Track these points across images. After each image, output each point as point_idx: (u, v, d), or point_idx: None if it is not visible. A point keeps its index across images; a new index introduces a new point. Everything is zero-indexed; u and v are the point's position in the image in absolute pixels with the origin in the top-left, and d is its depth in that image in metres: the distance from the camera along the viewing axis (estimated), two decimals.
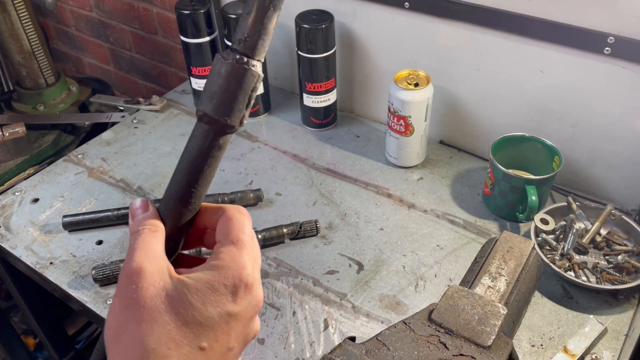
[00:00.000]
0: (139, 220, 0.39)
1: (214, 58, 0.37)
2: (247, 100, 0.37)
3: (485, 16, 0.92)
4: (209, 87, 0.37)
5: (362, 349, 0.55)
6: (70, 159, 1.10)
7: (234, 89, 0.36)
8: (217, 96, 0.37)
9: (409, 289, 0.84)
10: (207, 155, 0.38)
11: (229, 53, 0.36)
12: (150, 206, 0.40)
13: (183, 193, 0.39)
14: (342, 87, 1.18)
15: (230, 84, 0.36)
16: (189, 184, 0.39)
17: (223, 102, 0.37)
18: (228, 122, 0.37)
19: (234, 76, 0.36)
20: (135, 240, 0.38)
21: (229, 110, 0.37)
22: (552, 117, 0.95)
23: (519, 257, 0.66)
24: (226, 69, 0.36)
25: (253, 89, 0.37)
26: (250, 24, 0.36)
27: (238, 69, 0.36)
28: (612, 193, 0.96)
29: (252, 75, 0.36)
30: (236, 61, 0.36)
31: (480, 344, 0.54)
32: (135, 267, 0.36)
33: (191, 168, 0.39)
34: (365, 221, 0.95)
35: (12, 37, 1.29)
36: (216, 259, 0.37)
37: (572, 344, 0.74)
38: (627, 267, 0.81)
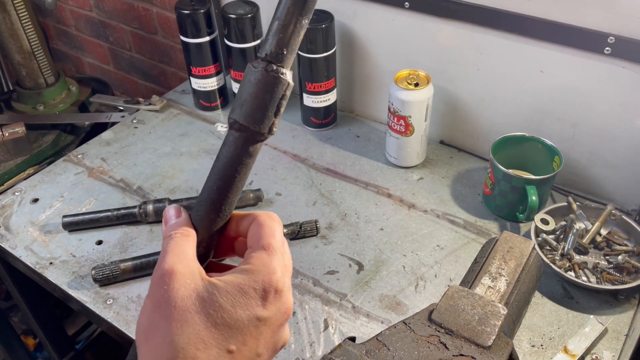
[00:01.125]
0: (171, 225, 0.40)
1: (246, 67, 0.38)
2: (275, 107, 0.38)
3: (486, 16, 0.92)
4: (239, 95, 0.37)
5: (362, 349, 0.55)
6: (70, 159, 1.10)
7: (263, 97, 0.37)
8: (246, 104, 0.37)
9: (409, 289, 0.84)
10: (238, 162, 0.39)
11: (259, 62, 0.37)
12: (183, 213, 0.41)
13: (214, 200, 0.40)
14: (342, 87, 1.18)
15: (260, 91, 0.37)
16: (220, 191, 0.39)
17: (253, 110, 0.37)
18: (258, 130, 0.37)
19: (263, 84, 0.37)
20: (168, 244, 0.38)
21: (258, 117, 0.37)
22: (552, 117, 0.95)
23: (519, 257, 0.66)
24: (256, 77, 0.37)
25: (282, 96, 0.38)
26: (279, 33, 0.36)
27: (267, 77, 0.37)
28: (613, 193, 0.96)
29: (281, 83, 0.37)
30: (265, 69, 0.36)
31: (481, 344, 0.54)
32: (168, 268, 0.36)
33: (222, 175, 0.39)
34: (365, 221, 0.95)
35: (12, 37, 1.28)
36: (247, 264, 0.38)
37: (572, 344, 0.74)
38: (628, 267, 0.81)
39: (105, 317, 0.80)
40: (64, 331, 1.35)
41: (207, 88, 1.19)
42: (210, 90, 1.20)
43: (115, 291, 0.83)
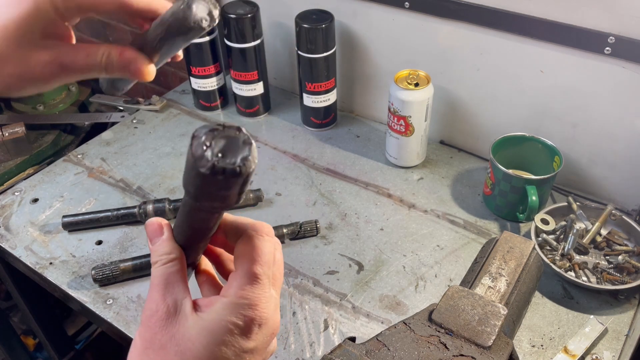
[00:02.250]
0: (156, 248, 0.39)
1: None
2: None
3: (486, 16, 0.91)
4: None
5: (362, 349, 0.55)
6: (70, 159, 1.10)
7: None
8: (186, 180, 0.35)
9: (409, 289, 0.84)
10: (202, 223, 0.38)
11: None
12: (165, 229, 0.40)
13: (193, 233, 0.40)
14: (342, 87, 1.18)
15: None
16: (194, 240, 0.40)
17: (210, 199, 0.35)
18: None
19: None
20: (155, 276, 0.38)
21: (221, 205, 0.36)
22: (553, 117, 0.95)
23: (520, 257, 0.66)
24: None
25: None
26: None
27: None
28: (613, 193, 0.96)
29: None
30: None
31: (481, 345, 0.54)
32: (155, 307, 0.37)
33: (194, 228, 0.39)
34: (365, 221, 0.95)
35: None
36: (230, 295, 0.37)
37: (572, 344, 0.74)
38: (628, 267, 0.81)
39: (105, 317, 0.80)
40: (64, 331, 1.35)
41: (207, 88, 1.19)
42: (210, 90, 1.19)
43: (115, 291, 0.83)
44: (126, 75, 0.42)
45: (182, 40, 0.42)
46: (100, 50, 0.41)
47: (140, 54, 0.42)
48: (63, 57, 0.40)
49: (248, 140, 0.32)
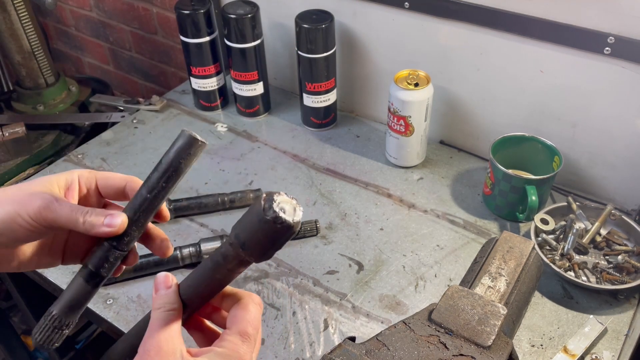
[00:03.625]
0: (161, 296, 0.44)
1: (255, 202, 0.39)
2: (278, 247, 0.41)
3: (485, 16, 0.92)
4: (245, 225, 0.40)
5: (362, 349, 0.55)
6: (70, 159, 1.10)
7: (269, 243, 0.40)
8: (252, 242, 0.40)
9: (409, 289, 0.84)
10: (226, 271, 0.43)
11: (270, 210, 0.38)
12: (173, 282, 0.45)
13: (203, 292, 0.44)
14: (342, 87, 1.18)
15: (266, 238, 0.39)
16: (208, 287, 0.44)
17: (258, 248, 0.40)
18: (256, 261, 0.41)
19: (272, 233, 0.39)
20: (157, 319, 0.43)
21: (262, 254, 0.41)
22: (552, 117, 0.95)
23: (519, 257, 0.66)
24: (264, 223, 0.39)
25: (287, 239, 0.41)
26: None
27: (275, 227, 0.39)
28: (612, 193, 0.96)
29: (290, 231, 0.39)
30: (274, 220, 0.38)
31: (480, 344, 0.54)
32: (155, 344, 0.41)
33: (212, 276, 0.43)
34: (365, 221, 0.95)
35: (12, 37, 1.29)
36: (222, 347, 0.42)
37: (572, 344, 0.74)
38: (627, 267, 0.81)
39: (105, 317, 0.80)
40: None
41: (207, 88, 1.19)
42: (210, 90, 1.20)
43: (115, 291, 0.83)
44: (100, 224, 0.44)
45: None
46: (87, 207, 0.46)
47: (117, 212, 0.46)
48: (57, 198, 0.44)
49: (300, 208, 0.40)
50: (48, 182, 0.46)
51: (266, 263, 0.87)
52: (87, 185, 0.48)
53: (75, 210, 0.44)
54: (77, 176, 0.47)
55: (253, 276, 0.86)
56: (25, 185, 0.45)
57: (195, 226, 0.95)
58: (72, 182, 0.47)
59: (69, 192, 0.47)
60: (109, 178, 0.49)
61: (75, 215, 0.43)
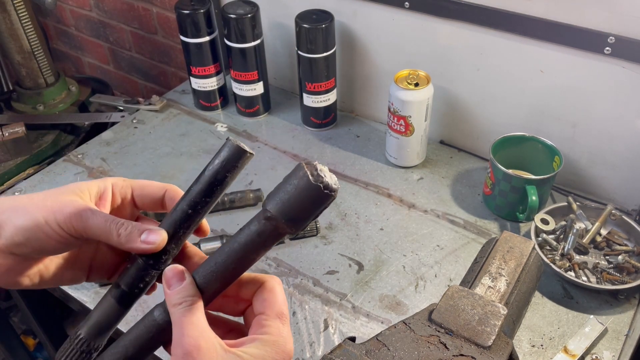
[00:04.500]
0: (178, 290, 0.39)
1: (297, 166, 0.37)
2: (316, 215, 0.38)
3: (486, 16, 0.92)
4: (282, 191, 0.37)
5: (362, 349, 0.55)
6: (70, 159, 1.10)
7: (308, 207, 0.37)
8: (289, 206, 0.37)
9: (409, 289, 0.84)
10: (260, 248, 0.39)
11: (314, 174, 0.36)
12: (186, 275, 0.40)
13: (226, 276, 0.40)
14: (342, 87, 1.18)
15: (306, 201, 0.37)
16: (235, 270, 0.40)
17: (296, 215, 0.37)
18: (293, 231, 0.38)
19: (312, 197, 0.37)
20: (183, 315, 0.38)
21: (298, 222, 0.38)
22: (552, 117, 0.95)
23: (519, 257, 0.66)
24: (306, 186, 0.36)
25: (325, 207, 0.38)
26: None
27: (318, 192, 0.36)
28: (613, 193, 0.96)
29: (330, 199, 0.37)
30: (317, 181, 0.36)
31: (481, 344, 0.54)
32: (193, 343, 0.37)
33: (241, 257, 0.39)
34: (365, 221, 0.95)
35: (12, 37, 1.29)
36: (265, 333, 0.39)
37: (572, 344, 0.74)
38: (628, 267, 0.81)
39: None
40: (64, 331, 1.35)
41: (207, 88, 1.19)
42: (210, 90, 1.20)
43: None
44: (136, 239, 0.41)
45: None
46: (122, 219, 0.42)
47: (155, 227, 0.43)
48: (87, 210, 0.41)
49: (334, 177, 0.37)
50: (79, 189, 0.42)
51: (266, 263, 0.87)
52: (122, 195, 0.45)
53: (110, 221, 0.40)
54: (111, 184, 0.44)
55: None
56: (54, 191, 0.42)
57: None
58: (105, 191, 0.44)
59: (101, 201, 0.43)
60: (145, 186, 0.45)
61: (110, 227, 0.40)
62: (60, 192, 0.42)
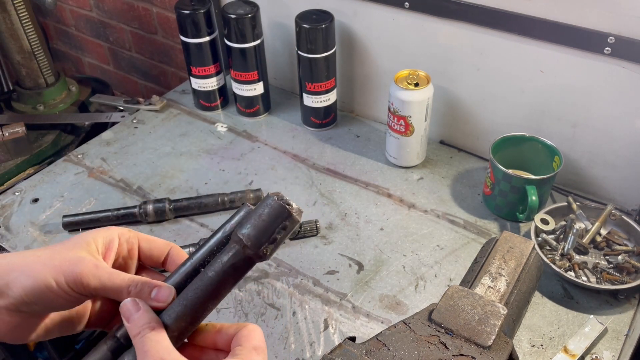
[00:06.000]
0: (136, 320, 0.39)
1: (266, 197, 0.40)
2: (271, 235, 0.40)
3: (486, 16, 0.92)
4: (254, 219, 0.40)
5: (362, 349, 0.55)
6: (70, 159, 1.10)
7: (267, 223, 0.40)
8: (258, 229, 0.40)
9: (409, 289, 0.84)
10: (233, 280, 0.41)
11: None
12: (141, 304, 0.40)
13: (195, 309, 0.41)
14: (342, 87, 1.18)
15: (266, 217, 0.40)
16: (208, 305, 0.41)
17: (258, 234, 0.39)
18: (256, 253, 0.40)
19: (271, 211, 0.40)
20: (144, 343, 0.38)
21: (261, 241, 0.40)
22: (552, 117, 0.95)
23: (519, 257, 0.66)
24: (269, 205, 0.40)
25: (283, 227, 0.40)
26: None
27: (276, 206, 0.40)
28: (612, 193, 0.96)
29: (286, 215, 0.40)
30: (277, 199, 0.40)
31: (481, 344, 0.54)
32: (158, 357, 0.37)
33: (214, 289, 0.40)
34: (365, 221, 0.95)
35: (12, 37, 1.29)
36: (236, 356, 0.40)
37: (572, 344, 0.74)
38: (627, 267, 0.81)
39: None
40: None
41: (207, 88, 1.19)
42: (210, 90, 1.20)
43: None
44: (147, 298, 0.41)
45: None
46: (131, 275, 0.42)
47: (163, 282, 0.43)
48: (96, 268, 0.41)
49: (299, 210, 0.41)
50: (85, 242, 0.42)
51: (266, 263, 0.87)
52: (129, 245, 0.45)
53: (121, 278, 0.40)
54: (117, 235, 0.44)
55: (253, 276, 0.86)
56: (61, 247, 0.41)
57: (195, 226, 0.94)
58: (112, 242, 0.43)
59: (108, 252, 0.43)
60: (151, 241, 0.45)
61: (121, 286, 0.40)
62: (66, 247, 0.41)
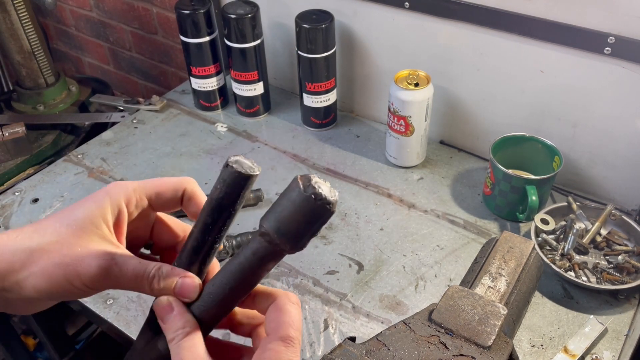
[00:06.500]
0: (169, 322, 0.38)
1: (293, 181, 0.35)
2: (313, 232, 0.36)
3: (486, 16, 0.91)
4: (279, 208, 0.36)
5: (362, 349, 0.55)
6: (70, 159, 1.10)
7: (304, 223, 0.35)
8: (285, 223, 0.36)
9: (409, 289, 0.84)
10: (258, 268, 0.38)
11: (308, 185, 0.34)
12: (174, 305, 0.39)
13: (227, 300, 0.39)
14: (342, 87, 1.18)
15: (302, 217, 0.35)
16: (234, 293, 0.39)
17: (291, 231, 0.36)
18: (289, 249, 0.37)
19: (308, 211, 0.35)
20: (177, 351, 0.37)
21: (295, 239, 0.36)
22: (553, 117, 0.95)
23: (519, 257, 0.66)
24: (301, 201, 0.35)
25: (324, 223, 0.36)
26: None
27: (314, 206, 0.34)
28: (613, 193, 0.96)
29: (327, 213, 0.35)
30: (313, 196, 0.34)
31: (481, 344, 0.54)
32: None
33: (241, 278, 0.38)
34: (365, 221, 0.95)
35: (12, 37, 1.29)
36: (264, 357, 0.37)
37: (572, 344, 0.74)
38: (628, 267, 0.81)
39: (105, 317, 0.80)
40: (64, 331, 1.35)
41: (207, 88, 1.19)
42: (210, 90, 1.20)
43: (116, 291, 0.83)
44: (170, 292, 0.39)
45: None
46: (153, 262, 0.39)
47: (188, 272, 0.40)
48: (117, 256, 0.38)
49: (334, 191, 0.35)
50: (94, 225, 0.38)
51: None
52: (139, 207, 0.41)
53: (141, 275, 0.38)
54: (124, 202, 0.40)
55: None
56: (69, 234, 0.37)
57: None
58: (121, 214, 0.40)
59: (118, 226, 0.40)
60: (161, 192, 0.41)
61: (141, 282, 0.38)
62: (75, 233, 0.37)
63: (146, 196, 0.41)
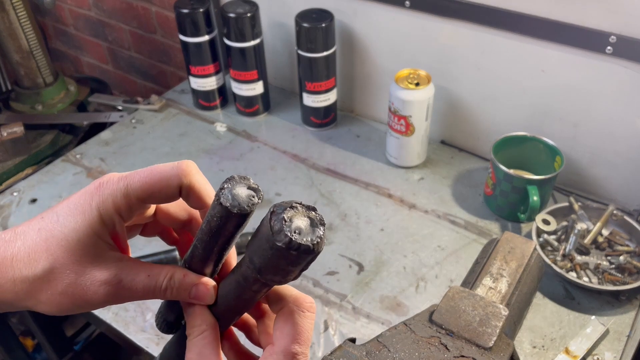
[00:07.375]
0: (189, 317, 0.38)
1: (263, 222, 0.33)
2: (301, 270, 0.35)
3: (487, 15, 0.91)
4: (261, 251, 0.34)
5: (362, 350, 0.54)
6: (69, 159, 1.10)
7: (288, 265, 0.34)
8: (269, 267, 0.34)
9: (409, 289, 0.83)
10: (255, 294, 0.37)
11: (282, 235, 0.32)
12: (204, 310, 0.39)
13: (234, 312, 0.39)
14: (342, 86, 1.17)
15: (285, 262, 0.33)
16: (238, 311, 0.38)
17: (277, 272, 0.34)
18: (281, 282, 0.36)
19: (287, 257, 0.33)
20: (189, 348, 0.37)
21: (283, 277, 0.35)
22: (554, 117, 0.95)
23: (521, 257, 0.65)
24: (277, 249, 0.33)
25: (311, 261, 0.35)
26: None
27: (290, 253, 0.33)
28: (614, 193, 0.96)
29: (311, 254, 0.33)
30: (288, 245, 0.32)
31: (482, 345, 0.54)
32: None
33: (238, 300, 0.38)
34: (365, 222, 0.94)
35: (10, 36, 1.28)
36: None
37: (573, 345, 0.74)
38: (629, 267, 0.81)
39: (104, 319, 0.80)
40: (63, 332, 1.35)
41: (206, 88, 1.19)
42: (210, 89, 1.19)
43: None
44: (186, 299, 0.39)
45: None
46: (163, 271, 0.38)
47: (202, 277, 0.39)
48: (123, 276, 0.36)
49: (322, 221, 0.33)
50: (91, 244, 0.35)
51: None
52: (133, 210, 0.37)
53: (152, 290, 0.37)
54: (115, 212, 0.36)
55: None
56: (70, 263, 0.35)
57: None
58: (115, 225, 0.36)
59: (116, 234, 0.37)
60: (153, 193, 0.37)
61: (153, 294, 0.37)
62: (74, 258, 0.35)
63: (139, 199, 0.38)
